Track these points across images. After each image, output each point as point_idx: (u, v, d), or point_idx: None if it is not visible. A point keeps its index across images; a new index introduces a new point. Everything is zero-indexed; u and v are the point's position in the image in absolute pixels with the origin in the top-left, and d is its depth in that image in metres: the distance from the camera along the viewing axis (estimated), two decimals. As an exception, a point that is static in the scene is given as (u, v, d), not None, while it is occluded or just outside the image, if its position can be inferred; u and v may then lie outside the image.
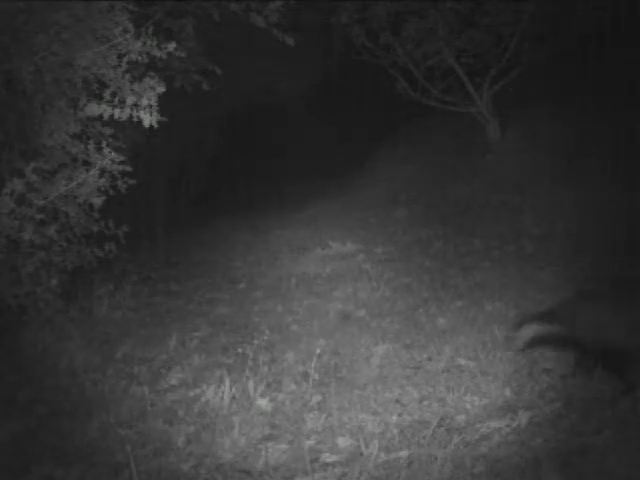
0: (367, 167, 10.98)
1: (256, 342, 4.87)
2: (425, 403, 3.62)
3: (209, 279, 6.97)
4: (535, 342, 3.60)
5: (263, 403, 3.76)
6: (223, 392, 3.77)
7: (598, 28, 7.84)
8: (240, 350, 4.72)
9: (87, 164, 4.57)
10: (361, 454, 3.14)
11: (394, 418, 3.46)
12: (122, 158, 4.57)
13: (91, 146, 4.51)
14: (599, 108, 7.83)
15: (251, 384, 3.87)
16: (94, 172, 4.51)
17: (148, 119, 4.43)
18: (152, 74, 4.49)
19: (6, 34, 4.13)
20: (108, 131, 4.76)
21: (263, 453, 3.24)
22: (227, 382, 3.83)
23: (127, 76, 4.42)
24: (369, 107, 11.16)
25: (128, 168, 4.63)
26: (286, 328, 5.14)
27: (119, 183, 4.70)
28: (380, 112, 10.79)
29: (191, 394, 3.96)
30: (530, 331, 3.54)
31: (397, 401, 3.68)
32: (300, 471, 3.08)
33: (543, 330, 3.52)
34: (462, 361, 4.12)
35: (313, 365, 4.12)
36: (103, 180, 4.59)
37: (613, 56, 7.97)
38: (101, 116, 4.46)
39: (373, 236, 7.79)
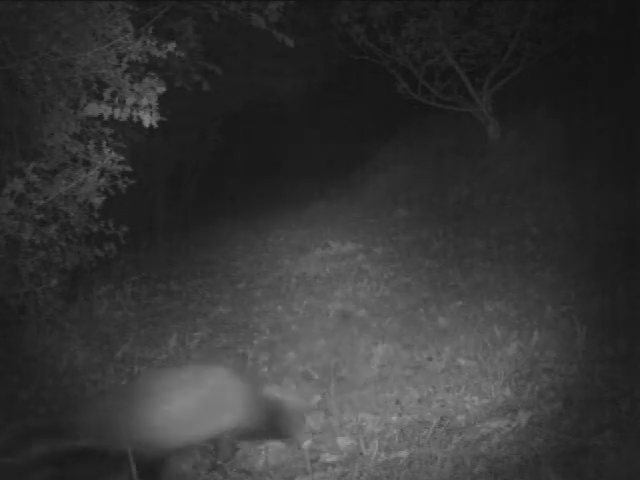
0: (367, 167, 10.97)
1: (256, 342, 4.86)
2: (425, 403, 3.62)
3: (209, 279, 6.97)
4: None
5: (263, 403, 3.75)
6: (223, 392, 3.76)
7: (598, 28, 7.85)
8: (240, 350, 4.72)
9: (87, 164, 4.56)
10: (361, 454, 3.13)
11: (394, 418, 3.45)
12: (122, 158, 4.56)
13: (91, 146, 4.51)
14: (599, 108, 7.83)
15: (251, 384, 3.86)
16: (94, 172, 4.50)
17: (148, 119, 4.42)
18: (152, 74, 4.49)
19: (6, 34, 4.13)
20: (108, 131, 4.76)
21: (263, 453, 3.24)
22: (227, 382, 3.81)
23: (127, 76, 4.41)
24: (369, 107, 11.17)
25: (128, 168, 4.62)
26: (286, 328, 5.14)
27: (119, 183, 4.70)
28: (380, 112, 10.80)
29: (191, 394, 3.95)
30: None
31: (397, 401, 3.67)
32: (300, 471, 3.07)
33: None
34: (462, 361, 4.10)
35: (313, 365, 4.12)
36: (103, 180, 4.58)
37: (613, 56, 7.97)
38: (101, 116, 4.46)
39: (373, 236, 7.78)
